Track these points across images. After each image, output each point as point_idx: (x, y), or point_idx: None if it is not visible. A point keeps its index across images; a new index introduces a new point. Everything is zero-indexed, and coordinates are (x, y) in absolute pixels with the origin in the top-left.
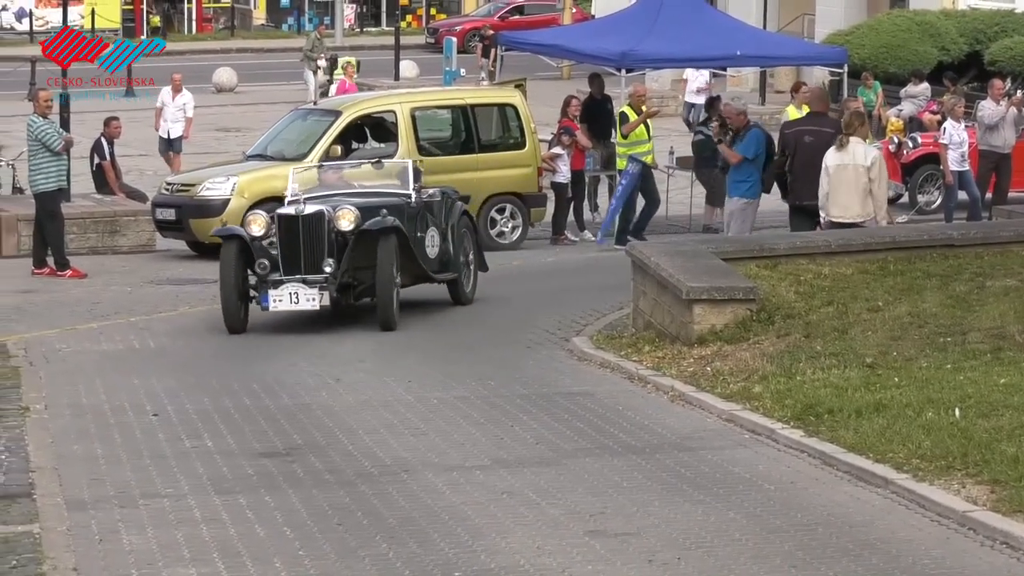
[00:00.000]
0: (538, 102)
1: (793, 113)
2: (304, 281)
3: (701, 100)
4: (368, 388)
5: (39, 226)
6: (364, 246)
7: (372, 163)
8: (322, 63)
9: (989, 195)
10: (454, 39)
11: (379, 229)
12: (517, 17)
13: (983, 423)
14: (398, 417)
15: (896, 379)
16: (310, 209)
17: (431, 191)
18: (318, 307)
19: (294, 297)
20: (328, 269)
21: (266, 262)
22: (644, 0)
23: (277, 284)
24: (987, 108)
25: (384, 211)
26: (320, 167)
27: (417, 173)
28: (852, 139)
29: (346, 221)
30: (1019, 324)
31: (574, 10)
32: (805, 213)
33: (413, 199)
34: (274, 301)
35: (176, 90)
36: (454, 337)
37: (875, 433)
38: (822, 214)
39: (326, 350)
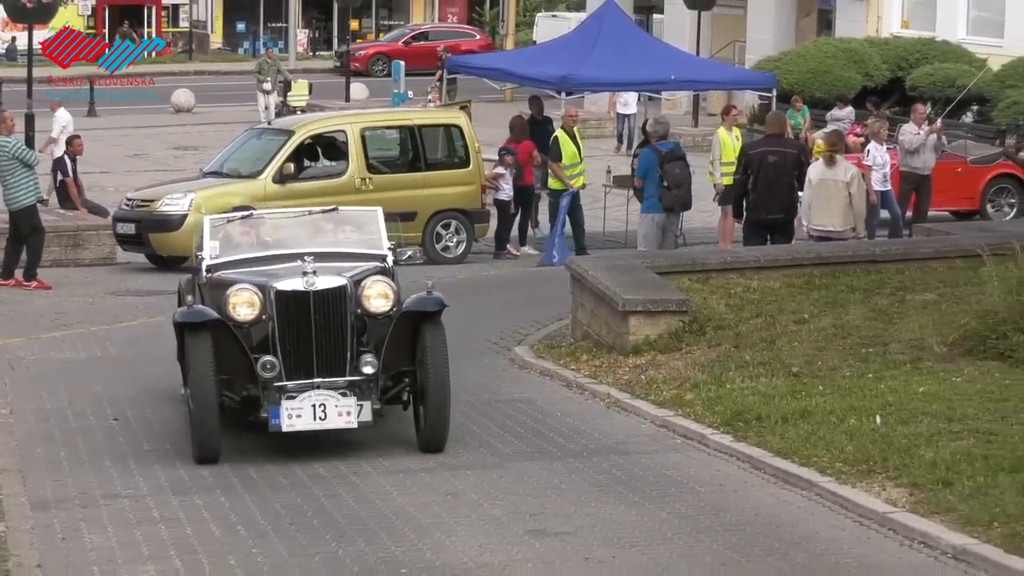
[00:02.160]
0: (482, 123)
1: (724, 136)
2: (327, 387)
3: (631, 111)
4: None
5: (16, 240)
6: (403, 336)
7: (326, 211)
8: (267, 86)
9: (909, 214)
10: (402, 63)
11: (428, 311)
12: (422, 43)
13: (903, 429)
14: None
15: (820, 387)
16: (326, 283)
17: (410, 251)
18: (355, 424)
19: (320, 411)
20: (369, 370)
21: (274, 361)
22: (583, 27)
23: (291, 392)
24: (908, 132)
25: (379, 277)
26: (249, 216)
27: (391, 222)
28: (838, 156)
29: (381, 299)
30: (937, 336)
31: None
32: (761, 228)
33: (389, 261)
34: (289, 417)
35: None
36: None
37: (800, 438)
38: (804, 223)
39: None
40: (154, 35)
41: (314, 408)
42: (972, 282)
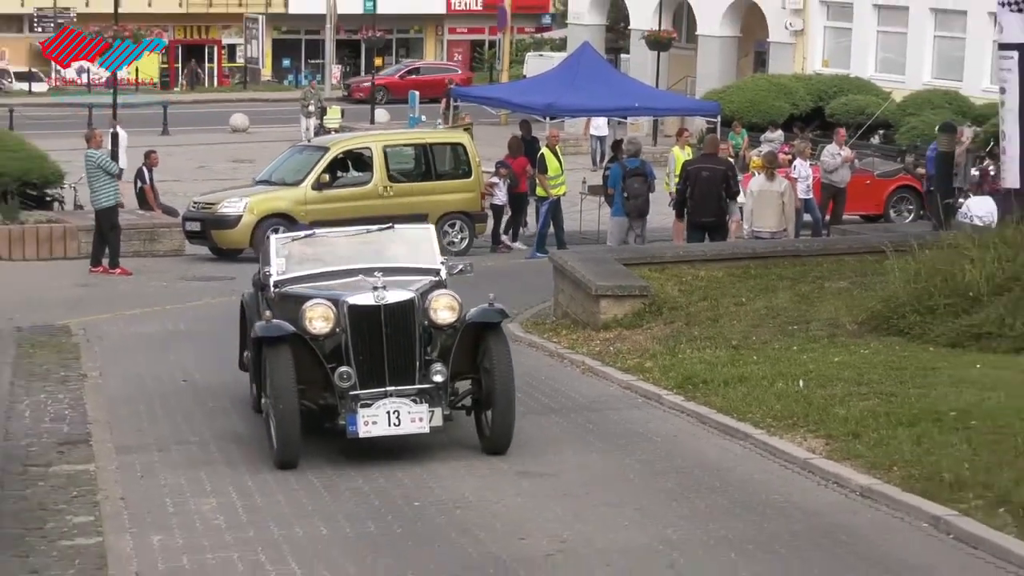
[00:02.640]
0: (481, 142)
1: (678, 153)
2: (399, 395)
3: (602, 133)
4: None
5: (100, 234)
6: (467, 345)
7: (382, 228)
8: (311, 108)
9: (828, 217)
10: (417, 92)
11: (491, 322)
12: (414, 77)
13: (820, 391)
14: None
15: (755, 357)
16: (396, 296)
17: (461, 265)
18: (427, 429)
19: (394, 418)
20: (439, 378)
21: (350, 371)
22: (564, 64)
23: (366, 400)
24: (829, 153)
25: (437, 289)
26: (312, 235)
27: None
28: (775, 172)
29: (447, 311)
30: (849, 316)
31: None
32: (699, 228)
33: (443, 274)
34: (366, 424)
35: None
36: None
37: (738, 398)
38: (746, 226)
39: None
40: (215, 70)
41: (388, 415)
42: (878, 272)
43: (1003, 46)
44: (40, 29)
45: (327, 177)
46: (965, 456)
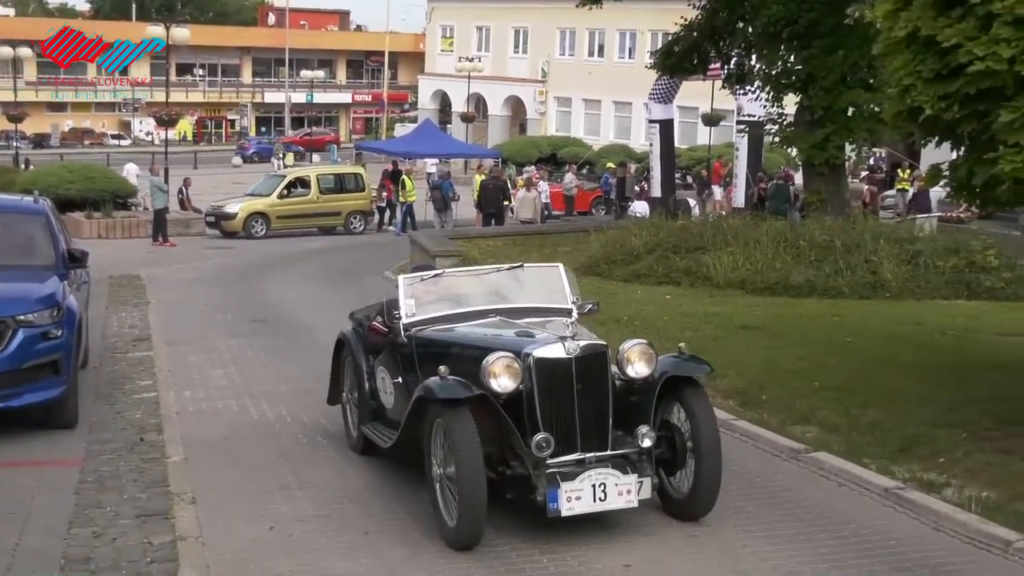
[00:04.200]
0: (371, 172)
1: (478, 178)
2: (599, 461)
3: (434, 169)
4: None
5: (157, 223)
6: (665, 400)
7: (512, 267)
8: (280, 155)
9: (562, 212)
10: (336, 144)
11: (695, 376)
12: (307, 137)
13: None
14: (310, 297)
15: None
16: (587, 347)
17: (590, 304)
18: (635, 503)
19: (600, 491)
20: (647, 442)
21: (549, 438)
22: (416, 130)
23: (566, 471)
24: (568, 178)
25: (590, 338)
26: (440, 274)
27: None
28: (532, 187)
29: (643, 363)
30: (571, 265)
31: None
32: (489, 217)
33: (574, 313)
34: (568, 500)
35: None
36: (331, 266)
37: None
38: (517, 218)
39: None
40: (223, 133)
41: (594, 488)
42: (586, 242)
43: (651, 121)
44: (123, 111)
45: (286, 192)
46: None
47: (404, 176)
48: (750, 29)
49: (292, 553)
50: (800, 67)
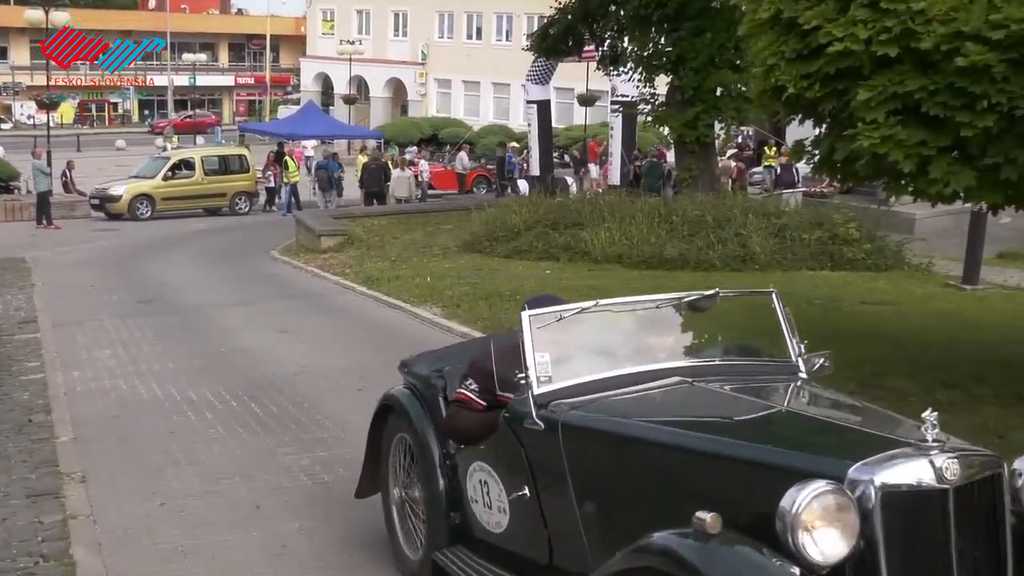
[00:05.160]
0: (255, 153)
1: (360, 158)
2: None
3: (312, 152)
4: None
5: (40, 206)
6: None
7: (705, 295)
8: (164, 136)
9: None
10: (219, 128)
11: None
12: (189, 120)
13: (439, 283)
14: (197, 279)
15: (404, 266)
16: (968, 461)
17: (821, 359)
18: None
19: None
20: None
21: None
22: (298, 111)
23: None
24: (460, 157)
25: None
26: (583, 309)
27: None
28: (406, 167)
29: None
30: (454, 243)
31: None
32: (371, 196)
33: (802, 370)
34: None
35: None
36: (217, 247)
37: (395, 288)
38: (394, 197)
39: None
40: (106, 116)
41: None
42: (468, 220)
43: (529, 102)
44: (3, 94)
45: (170, 173)
46: (515, 315)
47: (287, 157)
48: (622, 12)
49: (184, 529)
50: (670, 49)
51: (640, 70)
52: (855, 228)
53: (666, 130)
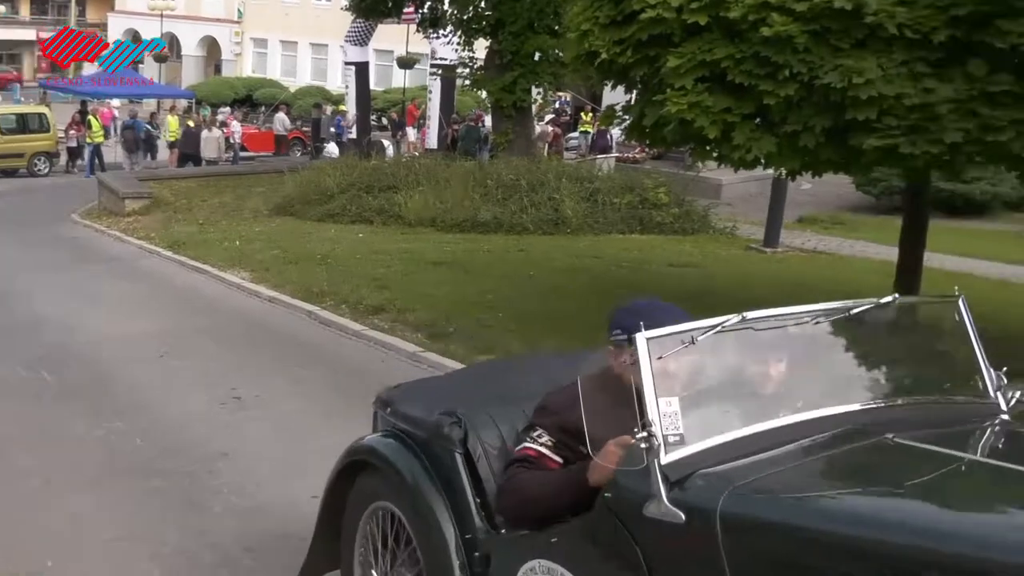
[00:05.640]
0: (58, 112)
1: (171, 120)
2: None
3: (117, 112)
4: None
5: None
6: None
7: (880, 302)
8: None
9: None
10: (19, 85)
11: None
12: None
13: (248, 246)
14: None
15: (212, 229)
16: None
17: (1018, 391)
18: None
19: None
20: None
21: None
22: (103, 72)
23: None
24: (280, 118)
25: None
26: (716, 328)
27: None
28: (214, 127)
29: None
30: (265, 207)
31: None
32: (184, 159)
33: (1003, 407)
34: None
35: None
36: (13, 211)
37: (203, 252)
38: (202, 156)
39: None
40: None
41: None
42: (280, 183)
43: (347, 63)
44: None
45: None
46: (325, 279)
47: (91, 116)
48: None
49: None
50: (490, 13)
51: (460, 33)
52: (664, 193)
53: (484, 94)
